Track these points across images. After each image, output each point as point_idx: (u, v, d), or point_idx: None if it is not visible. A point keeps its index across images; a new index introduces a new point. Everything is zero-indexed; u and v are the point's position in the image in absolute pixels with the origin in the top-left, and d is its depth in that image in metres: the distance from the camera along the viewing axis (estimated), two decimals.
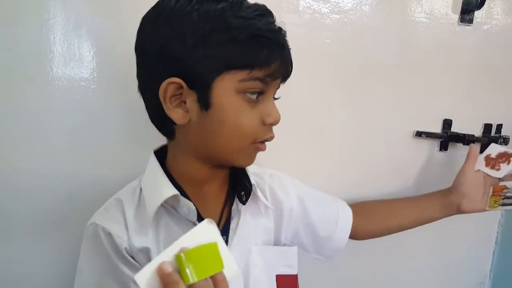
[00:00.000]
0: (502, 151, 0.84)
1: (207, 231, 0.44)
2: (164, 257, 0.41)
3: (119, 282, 0.58)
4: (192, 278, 0.40)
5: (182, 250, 0.41)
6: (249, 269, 0.67)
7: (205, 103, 0.57)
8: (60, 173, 0.77)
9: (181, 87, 0.56)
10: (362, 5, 0.91)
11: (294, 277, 0.73)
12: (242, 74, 0.56)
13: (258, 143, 0.61)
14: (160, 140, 0.82)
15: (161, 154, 0.68)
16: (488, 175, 0.84)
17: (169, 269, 0.41)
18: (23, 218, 0.77)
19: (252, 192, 0.67)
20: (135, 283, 0.51)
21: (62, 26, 0.74)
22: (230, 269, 0.44)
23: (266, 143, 0.64)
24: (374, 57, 0.94)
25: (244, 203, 0.67)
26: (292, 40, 0.62)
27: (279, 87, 0.63)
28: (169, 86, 0.57)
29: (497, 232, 1.12)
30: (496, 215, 1.11)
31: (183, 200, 0.61)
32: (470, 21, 0.97)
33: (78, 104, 0.77)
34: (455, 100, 1.01)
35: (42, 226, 0.78)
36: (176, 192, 0.60)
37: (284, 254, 0.72)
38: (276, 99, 0.65)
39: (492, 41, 1.00)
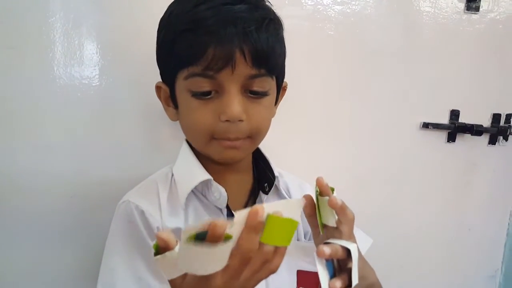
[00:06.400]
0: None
1: (295, 208, 0.45)
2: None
3: (147, 260, 0.58)
4: (267, 240, 0.43)
5: (275, 213, 0.42)
6: None
7: (174, 102, 0.63)
8: (63, 172, 0.77)
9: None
10: None
11: (316, 275, 0.71)
12: (184, 72, 0.57)
13: (221, 140, 0.58)
14: (163, 138, 0.82)
15: (190, 144, 0.68)
16: None
17: (263, 217, 0.41)
18: (26, 217, 0.76)
19: (274, 185, 0.67)
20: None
21: (62, 24, 0.74)
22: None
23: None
24: (378, 48, 0.92)
25: (266, 193, 0.67)
26: (295, 33, 0.61)
27: (254, 77, 0.56)
28: (158, 89, 0.65)
29: (508, 224, 1.10)
30: (507, 206, 1.10)
31: (216, 185, 0.62)
32: (477, 9, 0.96)
33: (80, 102, 0.76)
34: (462, 90, 0.99)
35: (45, 225, 0.77)
36: (209, 176, 0.61)
37: (304, 249, 0.69)
38: (256, 94, 0.58)
39: (500, 29, 0.98)
